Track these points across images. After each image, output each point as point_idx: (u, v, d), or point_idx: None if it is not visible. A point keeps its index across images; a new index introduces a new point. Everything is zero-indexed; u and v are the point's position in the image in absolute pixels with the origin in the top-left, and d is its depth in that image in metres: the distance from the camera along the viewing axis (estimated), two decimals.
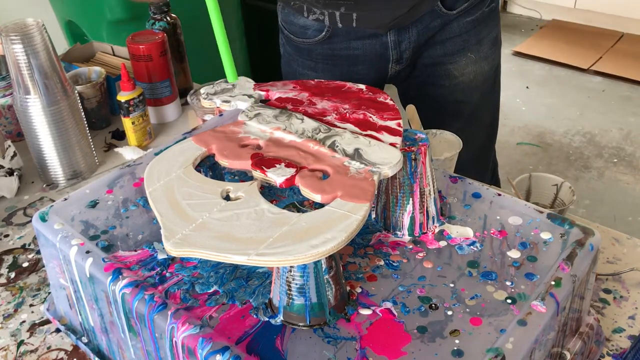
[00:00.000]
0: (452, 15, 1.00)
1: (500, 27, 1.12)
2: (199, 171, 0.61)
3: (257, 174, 0.58)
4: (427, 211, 0.64)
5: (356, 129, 0.64)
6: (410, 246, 0.63)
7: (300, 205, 0.67)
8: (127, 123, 1.09)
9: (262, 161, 0.59)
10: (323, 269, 0.53)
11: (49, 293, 0.78)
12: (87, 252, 0.61)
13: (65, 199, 0.69)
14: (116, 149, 1.12)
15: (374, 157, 0.59)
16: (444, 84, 1.09)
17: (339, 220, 0.51)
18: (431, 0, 0.98)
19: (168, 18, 1.21)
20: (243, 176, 0.74)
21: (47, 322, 0.76)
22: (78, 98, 0.99)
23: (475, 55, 1.07)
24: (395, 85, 1.17)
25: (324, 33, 1.04)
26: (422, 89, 1.11)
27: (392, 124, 0.65)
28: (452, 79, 1.08)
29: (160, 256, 0.62)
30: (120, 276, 0.58)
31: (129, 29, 1.26)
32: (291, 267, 0.52)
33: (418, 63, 1.07)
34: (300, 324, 0.54)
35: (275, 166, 0.58)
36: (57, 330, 0.74)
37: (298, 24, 1.06)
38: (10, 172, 0.99)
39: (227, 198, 0.57)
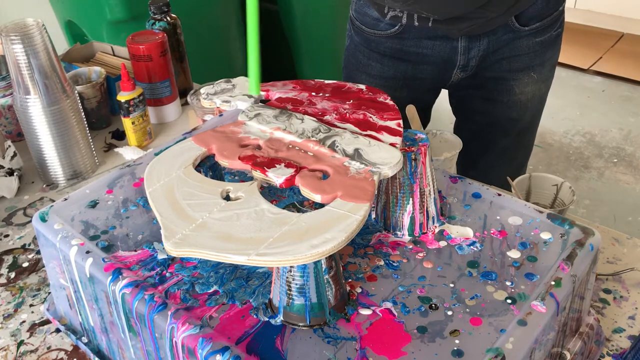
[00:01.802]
0: (523, 32, 1.01)
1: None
2: (199, 171, 0.61)
3: (257, 174, 0.58)
4: (427, 211, 0.64)
5: (356, 129, 0.64)
6: (410, 246, 0.63)
7: (300, 205, 0.67)
8: (127, 123, 1.09)
9: (262, 161, 0.59)
10: (323, 269, 0.53)
11: (49, 293, 0.78)
12: (87, 252, 0.61)
13: (65, 199, 0.69)
14: (116, 149, 1.12)
15: (374, 157, 0.59)
16: (503, 100, 1.09)
17: (339, 220, 0.51)
18: (506, 14, 0.98)
19: (168, 18, 1.21)
20: (243, 176, 0.74)
21: (47, 322, 0.76)
22: (78, 98, 0.99)
23: (537, 75, 1.08)
24: (452, 92, 1.18)
25: (396, 27, 1.03)
26: (480, 102, 1.12)
27: (392, 124, 0.65)
28: (512, 95, 1.09)
29: (160, 256, 0.61)
30: (120, 276, 0.58)
31: (129, 29, 1.26)
32: (291, 267, 0.52)
33: (481, 75, 1.08)
34: (300, 324, 0.54)
35: (275, 166, 0.58)
36: (57, 330, 0.74)
37: (372, 15, 1.05)
38: (10, 172, 0.99)
39: (227, 198, 0.57)
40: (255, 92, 0.72)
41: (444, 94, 1.20)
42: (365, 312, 0.55)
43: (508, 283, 0.57)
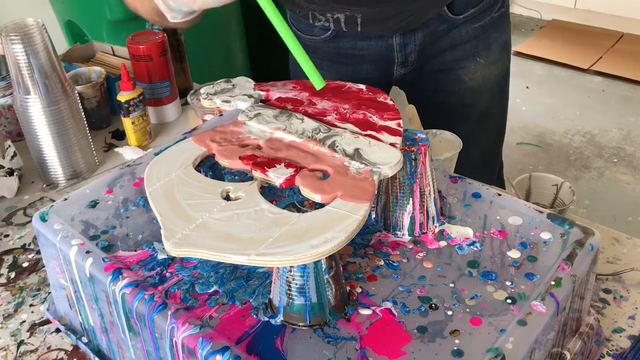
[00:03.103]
0: (459, 21, 1.00)
1: (511, 30, 1.12)
2: (199, 171, 0.61)
3: (257, 174, 0.58)
4: (427, 211, 0.64)
5: (356, 129, 0.64)
6: (410, 246, 0.63)
7: (300, 205, 0.67)
8: (127, 123, 1.09)
9: (262, 161, 0.59)
10: (323, 269, 0.53)
11: (49, 293, 0.78)
12: (87, 252, 0.61)
13: (65, 199, 0.69)
14: (116, 149, 1.12)
15: (374, 157, 0.59)
16: (454, 90, 1.09)
17: (339, 220, 0.51)
18: (436, 5, 0.97)
19: None
20: (243, 176, 0.74)
21: (47, 322, 0.76)
22: (78, 98, 0.99)
23: (484, 60, 1.06)
24: (404, 90, 1.17)
25: (329, 32, 1.04)
26: (432, 95, 1.11)
27: (392, 124, 0.65)
28: (462, 83, 1.08)
29: (160, 256, 0.62)
30: (120, 276, 0.58)
31: (129, 29, 1.26)
32: (291, 267, 0.52)
33: (426, 69, 1.07)
34: (300, 324, 0.54)
35: (275, 166, 0.58)
36: (57, 330, 0.74)
37: (305, 22, 1.06)
38: (10, 172, 0.99)
39: (227, 198, 0.57)
40: (322, 85, 0.66)
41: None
42: (365, 312, 0.55)
43: (508, 283, 0.57)
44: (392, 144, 0.61)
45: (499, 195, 0.67)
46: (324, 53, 1.08)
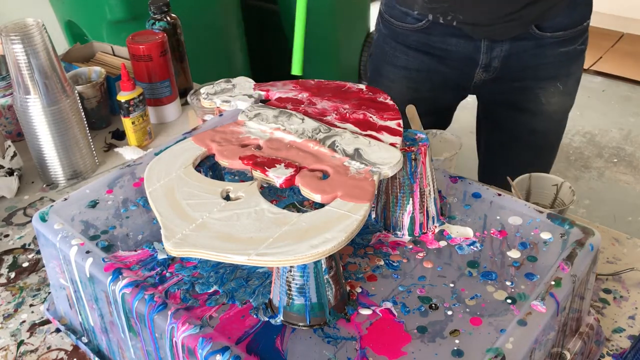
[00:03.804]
0: (546, 39, 1.02)
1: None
2: (199, 171, 0.61)
3: (257, 174, 0.58)
4: (427, 211, 0.64)
5: (356, 129, 0.64)
6: (410, 246, 0.63)
7: (300, 205, 0.67)
8: (127, 123, 1.09)
9: (262, 161, 0.59)
10: (323, 269, 0.53)
11: (49, 293, 0.78)
12: (87, 252, 0.61)
13: (65, 199, 0.69)
14: (116, 149, 1.12)
15: (374, 157, 0.59)
16: (529, 108, 1.10)
17: (339, 220, 0.51)
18: (526, 24, 1.00)
19: (168, 18, 1.21)
20: (243, 176, 0.74)
21: (47, 322, 0.76)
22: (78, 98, 0.99)
23: (562, 87, 1.08)
24: (479, 97, 1.19)
25: (423, 22, 1.05)
26: (507, 109, 1.12)
27: (392, 124, 0.65)
28: (539, 104, 1.09)
29: (160, 256, 0.62)
30: (120, 276, 0.58)
31: (129, 29, 1.26)
32: (291, 267, 0.52)
33: (507, 82, 1.08)
34: (300, 324, 0.54)
35: (275, 166, 0.58)
36: (57, 330, 0.74)
37: (400, 9, 1.08)
38: (10, 172, 0.99)
39: (227, 198, 0.57)
40: (298, 72, 0.71)
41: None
42: (365, 312, 0.55)
43: (508, 283, 0.57)
44: (392, 144, 0.61)
45: (499, 195, 0.67)
46: (412, 42, 1.09)
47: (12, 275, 0.84)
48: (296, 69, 0.69)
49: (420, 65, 1.10)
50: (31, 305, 0.79)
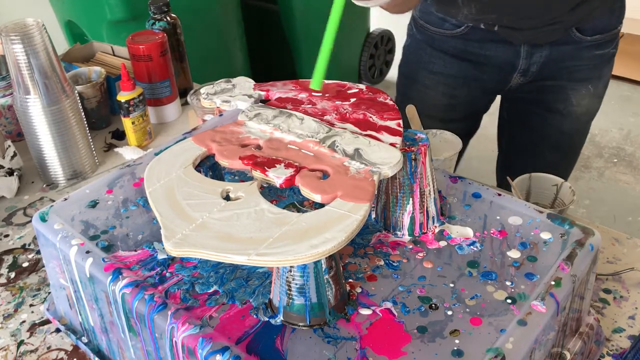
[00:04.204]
0: (585, 42, 1.01)
1: None
2: (199, 171, 0.61)
3: (257, 174, 0.58)
4: (427, 211, 0.64)
5: (356, 129, 0.64)
6: (410, 246, 0.63)
7: (300, 205, 0.67)
8: (127, 123, 1.09)
9: (262, 161, 0.59)
10: (323, 269, 0.53)
11: (49, 293, 0.78)
12: (87, 252, 0.61)
13: (65, 199, 0.69)
14: (116, 149, 1.12)
15: (374, 157, 0.59)
16: (559, 109, 1.09)
17: (339, 220, 0.51)
18: (564, 28, 0.99)
19: (168, 18, 1.21)
20: (243, 176, 0.74)
21: (47, 322, 0.76)
22: (78, 98, 0.99)
23: (593, 89, 1.08)
24: (508, 98, 1.17)
25: (461, 28, 1.04)
26: (536, 109, 1.12)
27: (392, 124, 0.65)
28: (569, 105, 1.08)
29: (160, 256, 0.61)
30: (120, 276, 0.58)
31: (129, 29, 1.26)
32: (291, 267, 0.52)
33: (540, 82, 1.07)
34: (300, 324, 0.54)
35: (275, 166, 0.58)
36: (57, 330, 0.74)
37: (437, 15, 1.06)
38: (10, 172, 0.99)
39: (227, 198, 0.57)
40: (317, 87, 0.69)
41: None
42: (365, 312, 0.55)
43: (508, 283, 0.57)
44: (392, 144, 0.61)
45: (499, 195, 0.67)
46: (449, 47, 1.08)
47: (12, 275, 0.84)
48: (316, 84, 0.67)
49: (457, 71, 1.10)
50: (31, 305, 0.79)
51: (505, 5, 0.95)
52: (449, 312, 0.55)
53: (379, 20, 3.12)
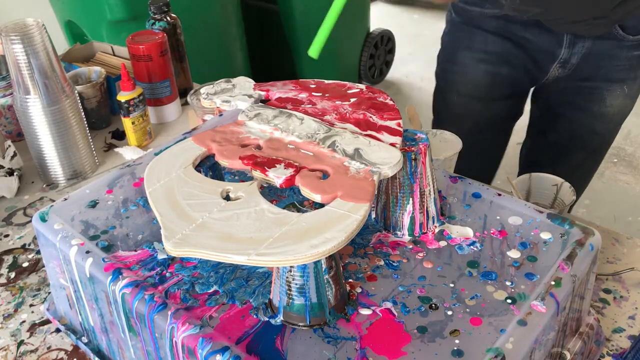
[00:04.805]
0: (626, 41, 1.00)
1: None
2: (199, 171, 0.61)
3: (257, 174, 0.58)
4: (427, 211, 0.64)
5: (356, 129, 0.64)
6: (410, 246, 0.63)
7: (300, 205, 0.67)
8: (127, 123, 1.09)
9: (262, 161, 0.59)
10: (323, 269, 0.53)
11: (49, 293, 0.78)
12: (87, 252, 0.61)
13: (65, 199, 0.69)
14: (116, 149, 1.12)
15: (374, 157, 0.59)
16: (592, 109, 1.08)
17: (339, 220, 0.51)
18: (607, 25, 0.97)
19: (168, 18, 1.21)
20: (243, 176, 0.74)
21: (47, 322, 0.76)
22: (78, 98, 0.99)
23: (628, 90, 1.06)
24: (541, 93, 1.16)
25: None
26: (569, 107, 1.10)
27: (392, 124, 0.65)
28: (602, 105, 1.07)
29: (160, 256, 0.62)
30: (120, 276, 0.58)
31: (129, 29, 1.26)
32: (291, 267, 0.52)
33: (577, 78, 1.05)
34: (300, 324, 0.54)
35: (275, 166, 0.58)
36: (57, 330, 0.74)
37: None
38: (10, 172, 0.99)
39: (227, 198, 0.57)
40: (314, 55, 0.70)
41: None
42: (365, 312, 0.55)
43: (508, 283, 0.57)
44: (392, 144, 0.61)
45: (499, 195, 0.67)
46: (490, 26, 1.06)
47: (12, 275, 0.84)
48: (314, 51, 0.69)
49: (498, 48, 1.07)
50: (31, 305, 0.79)
51: (545, 6, 0.93)
52: (449, 312, 0.55)
53: (379, 20, 3.12)
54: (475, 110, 1.15)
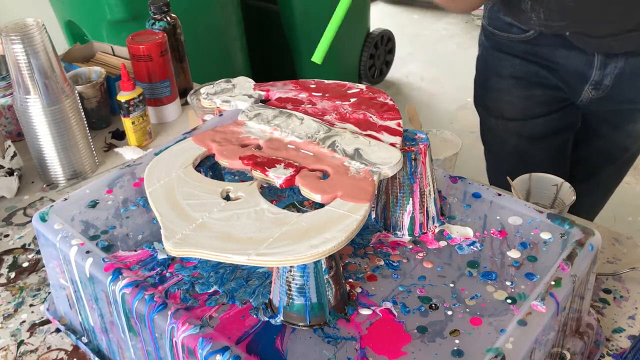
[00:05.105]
0: None
1: None
2: (199, 171, 0.61)
3: (257, 174, 0.58)
4: (427, 211, 0.64)
5: (356, 129, 0.64)
6: (410, 246, 0.63)
7: (300, 205, 0.67)
8: (127, 123, 1.09)
9: (262, 161, 0.59)
10: (323, 269, 0.53)
11: (49, 293, 0.78)
12: (87, 252, 0.61)
13: (65, 199, 0.69)
14: (116, 149, 1.12)
15: (374, 157, 0.59)
16: (626, 128, 1.06)
17: (339, 220, 0.51)
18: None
19: (168, 18, 1.21)
20: (243, 176, 0.74)
21: (47, 322, 0.76)
22: (78, 98, 0.99)
23: None
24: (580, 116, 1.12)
25: (530, 33, 0.99)
26: (604, 126, 1.08)
27: (392, 124, 0.65)
28: (636, 124, 1.05)
29: (160, 256, 0.62)
30: (120, 276, 0.58)
31: (129, 29, 1.26)
32: (291, 267, 0.52)
33: (612, 99, 1.01)
34: (300, 324, 0.54)
35: (275, 166, 0.58)
36: (57, 330, 0.74)
37: (504, 20, 1.02)
38: (10, 172, 0.99)
39: (227, 198, 0.57)
40: (317, 60, 0.71)
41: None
42: (365, 312, 0.55)
43: (508, 283, 0.57)
44: (392, 144, 0.61)
45: (499, 195, 0.67)
46: (518, 52, 1.04)
47: (12, 275, 0.84)
48: (318, 57, 0.70)
49: (527, 73, 1.05)
50: (31, 305, 0.79)
51: (576, 12, 0.89)
52: (449, 312, 0.55)
53: (379, 20, 3.12)
54: (515, 130, 1.13)
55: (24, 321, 0.77)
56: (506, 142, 1.15)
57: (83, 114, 1.01)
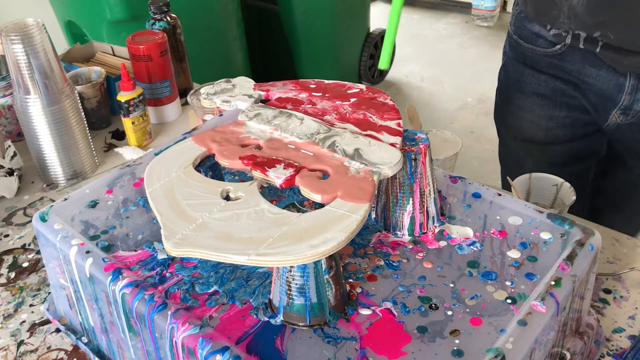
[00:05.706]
0: None
1: None
2: (199, 171, 0.61)
3: (257, 174, 0.58)
4: (427, 211, 0.64)
5: (356, 129, 0.64)
6: (410, 246, 0.63)
7: (300, 205, 0.67)
8: (127, 123, 1.09)
9: (262, 161, 0.59)
10: (323, 269, 0.53)
11: (49, 293, 0.78)
12: (87, 252, 0.61)
13: (65, 199, 0.69)
14: (116, 149, 1.12)
15: (374, 157, 0.59)
16: None
17: (339, 220, 0.51)
18: None
19: (168, 18, 1.21)
20: (243, 176, 0.74)
21: (47, 322, 0.76)
22: (78, 98, 0.99)
23: None
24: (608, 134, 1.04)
25: (558, 47, 0.93)
26: (630, 155, 1.02)
27: (392, 124, 0.65)
28: None
29: (160, 256, 0.62)
30: (120, 276, 0.58)
31: (129, 29, 1.26)
32: (291, 267, 0.52)
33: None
34: (300, 324, 0.54)
35: (275, 166, 0.58)
36: (57, 330, 0.74)
37: (531, 29, 0.96)
38: (10, 172, 0.99)
39: (227, 198, 0.57)
40: (384, 67, 0.74)
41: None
42: (365, 312, 0.55)
43: (508, 283, 0.57)
44: (392, 144, 0.61)
45: (499, 195, 0.67)
46: (543, 67, 0.97)
47: (12, 275, 0.84)
48: (383, 62, 0.72)
49: (553, 91, 0.98)
50: (31, 305, 0.79)
51: (621, 2, 0.81)
52: (449, 312, 0.55)
53: (379, 20, 3.12)
54: (535, 154, 1.07)
55: (24, 321, 0.77)
56: (524, 165, 1.09)
57: (83, 114, 1.01)
